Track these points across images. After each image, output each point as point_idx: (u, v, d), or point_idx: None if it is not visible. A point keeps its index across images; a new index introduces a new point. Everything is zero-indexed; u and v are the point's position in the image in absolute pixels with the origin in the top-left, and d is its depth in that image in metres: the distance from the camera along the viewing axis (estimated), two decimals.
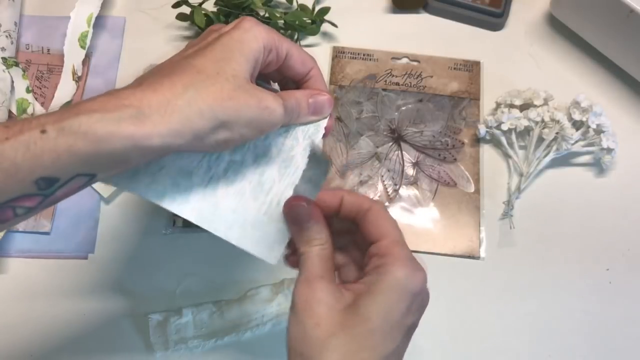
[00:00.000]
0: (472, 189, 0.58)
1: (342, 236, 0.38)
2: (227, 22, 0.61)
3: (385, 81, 0.62)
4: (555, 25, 0.65)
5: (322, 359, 0.31)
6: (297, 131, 0.38)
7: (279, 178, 0.37)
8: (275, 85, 0.42)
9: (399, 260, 0.33)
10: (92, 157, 0.29)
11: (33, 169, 0.29)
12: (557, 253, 0.55)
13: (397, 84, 0.62)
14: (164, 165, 0.35)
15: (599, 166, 0.58)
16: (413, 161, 0.59)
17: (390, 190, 0.57)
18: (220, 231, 0.36)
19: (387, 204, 0.57)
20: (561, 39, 0.65)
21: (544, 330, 0.53)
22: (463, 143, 0.59)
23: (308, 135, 0.39)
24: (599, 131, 0.56)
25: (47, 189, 0.30)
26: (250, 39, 0.34)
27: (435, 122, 0.60)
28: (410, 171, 0.58)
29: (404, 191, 0.57)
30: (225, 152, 0.37)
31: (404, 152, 0.59)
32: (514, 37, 0.65)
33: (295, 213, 0.35)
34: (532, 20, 0.66)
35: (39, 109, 0.60)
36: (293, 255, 0.37)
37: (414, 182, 0.58)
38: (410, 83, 0.62)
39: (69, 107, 0.30)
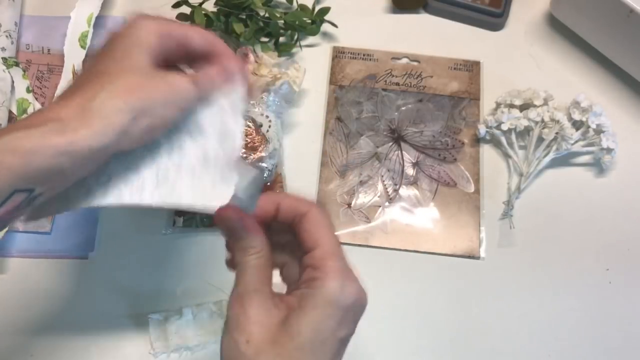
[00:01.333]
0: (472, 189, 0.58)
1: (283, 234, 0.37)
2: (227, 22, 0.61)
3: (385, 81, 0.62)
4: (555, 25, 0.65)
5: None
6: (221, 101, 0.39)
7: (220, 146, 0.38)
8: (190, 71, 0.43)
9: (331, 274, 0.33)
10: (24, 171, 0.31)
11: None
12: (557, 253, 0.55)
13: (397, 84, 0.62)
14: (110, 173, 0.36)
15: (599, 166, 0.58)
16: (413, 161, 0.59)
17: (390, 190, 0.57)
18: (185, 206, 0.36)
19: (387, 203, 0.57)
20: (561, 39, 0.65)
21: (543, 330, 0.53)
22: (463, 143, 0.59)
23: (232, 102, 0.40)
24: (599, 131, 0.56)
25: None
26: (140, 32, 0.36)
27: (435, 122, 0.60)
28: (410, 171, 0.58)
29: (404, 191, 0.57)
30: (159, 139, 0.37)
31: (404, 152, 0.59)
32: (514, 37, 0.65)
33: (226, 225, 0.35)
34: (532, 20, 0.66)
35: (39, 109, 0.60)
36: (234, 259, 0.37)
37: (414, 182, 0.58)
38: (410, 83, 0.62)
39: None
